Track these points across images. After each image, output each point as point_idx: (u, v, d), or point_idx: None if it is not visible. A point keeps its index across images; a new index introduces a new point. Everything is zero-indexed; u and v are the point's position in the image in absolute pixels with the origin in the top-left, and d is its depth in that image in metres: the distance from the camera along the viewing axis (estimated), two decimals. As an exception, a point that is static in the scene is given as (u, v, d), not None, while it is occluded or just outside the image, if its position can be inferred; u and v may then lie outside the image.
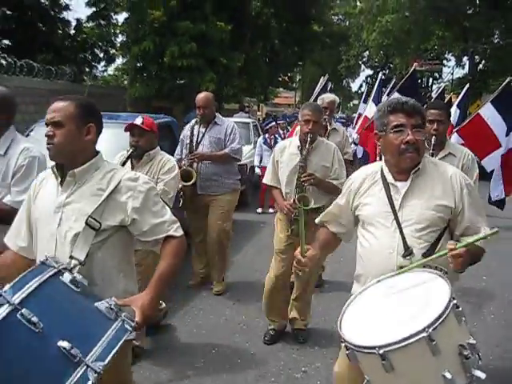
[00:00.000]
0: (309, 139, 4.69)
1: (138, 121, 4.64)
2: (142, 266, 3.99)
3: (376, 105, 10.80)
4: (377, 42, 31.67)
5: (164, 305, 5.18)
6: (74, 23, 19.83)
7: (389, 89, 13.12)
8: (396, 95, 8.94)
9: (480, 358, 2.19)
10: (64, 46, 18.99)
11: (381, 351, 2.09)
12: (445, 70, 39.17)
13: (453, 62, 36.35)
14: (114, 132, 6.98)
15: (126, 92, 17.30)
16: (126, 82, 19.64)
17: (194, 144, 6.01)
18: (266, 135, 11.75)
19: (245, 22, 19.09)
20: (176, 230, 2.58)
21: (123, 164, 4.50)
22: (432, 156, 4.04)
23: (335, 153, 4.88)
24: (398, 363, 2.12)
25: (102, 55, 22.51)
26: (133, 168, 4.55)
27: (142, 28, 15.53)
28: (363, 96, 17.00)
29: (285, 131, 13.76)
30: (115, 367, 2.10)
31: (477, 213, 2.73)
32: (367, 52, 40.89)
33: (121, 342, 2.02)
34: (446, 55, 35.77)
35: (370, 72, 46.98)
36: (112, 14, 20.85)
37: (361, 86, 49.52)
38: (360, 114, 13.58)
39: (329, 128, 6.31)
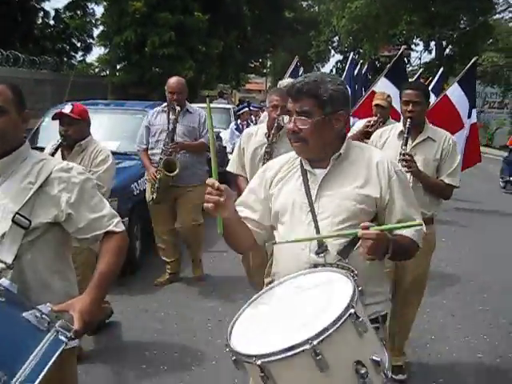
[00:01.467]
0: (275, 125, 4.58)
1: (67, 109, 4.37)
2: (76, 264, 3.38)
3: (349, 86, 11.23)
4: (346, 28, 32.83)
5: (108, 304, 4.91)
6: (52, 13, 20.53)
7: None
8: (383, 81, 9.22)
9: (387, 376, 1.95)
10: (43, 37, 19.65)
11: (258, 362, 1.84)
12: (413, 54, 40.53)
13: (421, 47, 37.59)
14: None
15: (108, 80, 18.12)
16: (107, 71, 20.37)
17: (166, 133, 5.75)
18: (239, 121, 11.72)
19: (219, 11, 19.96)
20: (116, 225, 2.36)
21: (52, 155, 4.15)
22: (407, 141, 3.99)
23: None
24: (279, 377, 1.88)
25: (79, 45, 23.27)
26: (63, 159, 3.95)
27: (123, 19, 16.30)
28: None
29: (257, 117, 13.54)
30: (58, 381, 2.04)
31: (409, 204, 2.41)
32: (337, 37, 41.99)
33: (54, 356, 1.77)
34: (413, 40, 37.07)
35: (339, 57, 48.00)
36: (89, 4, 21.58)
37: (331, 71, 50.60)
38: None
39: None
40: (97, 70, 28.11)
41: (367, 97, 9.34)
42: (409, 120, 4.00)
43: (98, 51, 27.01)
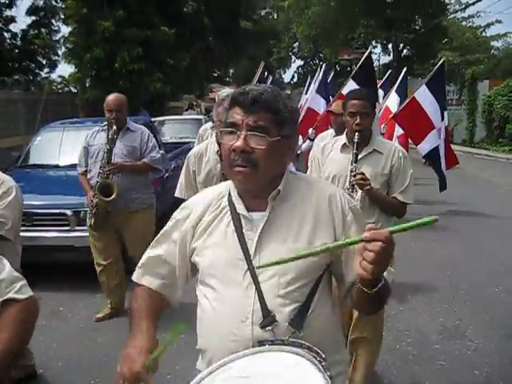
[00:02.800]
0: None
1: None
2: None
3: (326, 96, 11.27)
4: (305, 34, 34.00)
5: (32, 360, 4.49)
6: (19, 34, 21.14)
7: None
8: (351, 84, 9.08)
9: None
10: (11, 57, 20.23)
11: None
12: (373, 57, 41.87)
13: (379, 49, 39.03)
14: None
15: (77, 97, 18.83)
16: (77, 88, 21.05)
17: (104, 153, 5.38)
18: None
19: (183, 24, 20.80)
20: (18, 291, 1.99)
21: None
22: (356, 157, 3.65)
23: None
24: None
25: (44, 62, 23.82)
26: None
27: (92, 37, 17.05)
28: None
29: None
30: None
31: None
32: (297, 43, 43.20)
33: None
34: (372, 43, 38.44)
35: (300, 62, 49.28)
36: (53, 21, 22.21)
37: (293, 76, 51.87)
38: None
39: None
40: (59, 86, 28.76)
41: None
42: (357, 134, 3.63)
43: (62, 68, 27.58)
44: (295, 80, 49.36)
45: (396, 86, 12.78)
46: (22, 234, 6.44)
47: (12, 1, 20.78)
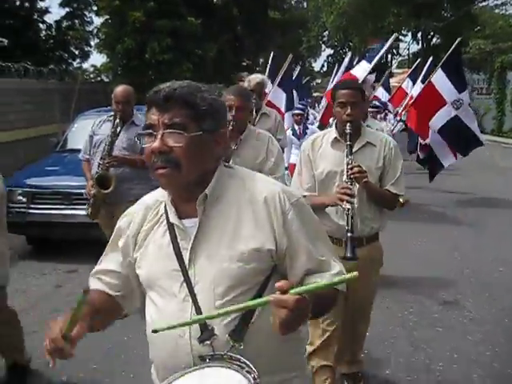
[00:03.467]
0: (230, 127, 3.80)
1: None
2: None
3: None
4: (335, 23, 34.34)
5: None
6: (53, 25, 22.10)
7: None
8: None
9: None
10: (47, 48, 21.14)
11: None
12: (402, 45, 42.02)
13: (409, 38, 39.16)
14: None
15: (109, 86, 19.56)
16: (109, 77, 21.87)
17: (107, 145, 5.45)
18: (295, 125, 10.13)
19: (211, 16, 21.38)
20: None
21: None
22: (351, 149, 3.55)
23: (270, 143, 4.18)
24: None
25: (76, 52, 24.74)
26: None
27: (124, 28, 17.76)
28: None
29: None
30: None
31: (316, 243, 1.86)
32: (326, 32, 43.48)
33: None
34: (402, 31, 38.54)
35: (330, 51, 49.47)
36: (86, 13, 23.08)
37: (323, 65, 52.11)
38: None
39: (258, 113, 5.83)
40: (91, 75, 29.71)
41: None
42: (348, 124, 3.55)
43: (94, 58, 28.67)
44: (325, 69, 49.62)
45: (422, 75, 12.72)
46: (62, 212, 7.33)
47: None
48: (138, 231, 1.92)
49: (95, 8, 21.27)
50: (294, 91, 10.94)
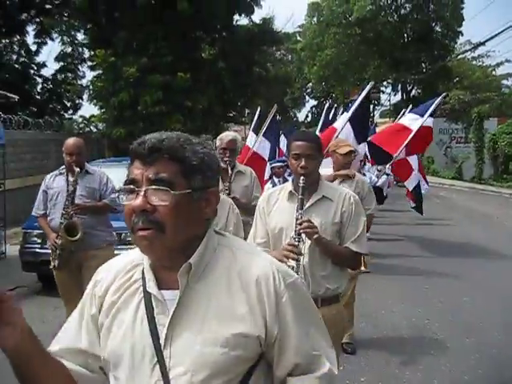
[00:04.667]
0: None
1: None
2: None
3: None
4: (317, 75, 35.99)
5: None
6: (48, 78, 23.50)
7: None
8: (347, 127, 9.08)
9: None
10: (43, 100, 22.39)
11: None
12: (383, 96, 43.78)
13: (389, 90, 40.93)
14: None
15: (104, 136, 20.71)
16: (98, 129, 23.08)
17: (65, 196, 5.52)
18: (274, 178, 9.15)
19: (200, 69, 22.68)
20: None
21: None
22: (302, 203, 3.34)
23: (230, 211, 4.06)
24: None
25: (68, 105, 26.03)
26: None
27: (118, 82, 18.97)
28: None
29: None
30: None
31: (311, 332, 1.65)
32: (310, 84, 45.17)
33: None
34: (383, 83, 40.28)
35: (314, 102, 51.12)
36: (79, 67, 24.52)
37: (307, 116, 53.70)
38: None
39: (232, 171, 5.70)
40: (80, 125, 30.97)
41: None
42: (302, 178, 3.35)
43: (83, 109, 30.08)
44: (309, 119, 51.21)
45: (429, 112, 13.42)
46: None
47: (38, 48, 23.22)
48: (104, 294, 1.66)
49: (90, 63, 22.52)
50: (282, 141, 11.47)
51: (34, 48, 23.54)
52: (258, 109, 10.90)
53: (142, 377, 1.55)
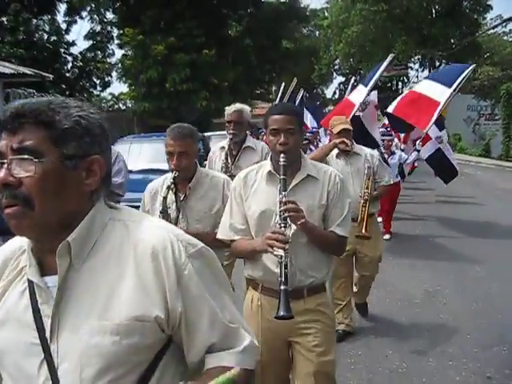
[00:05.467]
0: (171, 180, 3.51)
1: None
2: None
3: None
4: (344, 52, 36.11)
5: None
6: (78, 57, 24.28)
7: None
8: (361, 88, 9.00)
9: None
10: (74, 78, 23.16)
11: None
12: (412, 73, 43.72)
13: (417, 66, 40.89)
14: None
15: (133, 113, 21.48)
16: (127, 106, 23.82)
17: None
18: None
19: (226, 46, 23.18)
20: None
21: None
22: (285, 183, 2.95)
23: (225, 188, 3.68)
24: None
25: (97, 82, 26.79)
26: None
27: (147, 60, 19.62)
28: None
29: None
30: None
31: (223, 305, 1.50)
32: (338, 60, 45.28)
33: None
34: (410, 59, 40.24)
35: (342, 79, 51.16)
36: (108, 45, 25.17)
37: (334, 92, 53.77)
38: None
39: (240, 147, 5.37)
40: (109, 103, 31.80)
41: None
42: (282, 155, 2.96)
43: (113, 87, 30.89)
44: (337, 96, 51.31)
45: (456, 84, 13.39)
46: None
47: (68, 27, 23.96)
48: None
49: (118, 41, 23.17)
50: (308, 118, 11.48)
51: (63, 27, 24.31)
52: (283, 84, 11.23)
53: (28, 377, 1.38)
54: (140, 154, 10.02)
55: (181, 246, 1.44)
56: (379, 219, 10.71)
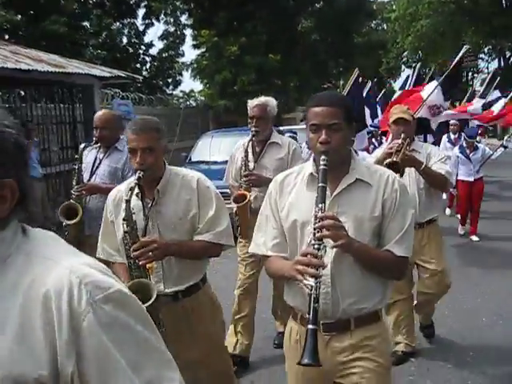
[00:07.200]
0: (136, 181, 3.06)
1: None
2: None
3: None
4: (412, 45, 36.62)
5: None
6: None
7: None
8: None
9: None
10: (150, 77, 25.18)
11: None
12: (482, 64, 43.72)
13: (487, 57, 41.06)
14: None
15: (208, 110, 23.16)
16: (197, 103, 25.72)
17: (89, 173, 5.10)
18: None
19: (296, 42, 24.54)
20: None
21: None
22: (324, 193, 2.44)
23: (201, 188, 3.26)
24: None
25: (170, 81, 28.77)
26: None
27: (221, 60, 21.27)
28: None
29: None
30: None
31: (139, 367, 1.20)
32: (405, 53, 45.65)
33: None
34: (481, 50, 40.26)
35: (410, 72, 51.49)
36: (180, 46, 27.20)
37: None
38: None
39: (265, 143, 5.11)
40: (181, 100, 33.87)
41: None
42: (322, 157, 2.47)
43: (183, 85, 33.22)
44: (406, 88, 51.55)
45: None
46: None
47: (145, 29, 26.05)
48: None
49: (193, 42, 24.98)
50: (367, 109, 11.46)
51: (141, 29, 26.40)
52: (355, 73, 10.29)
53: None
54: (220, 146, 11.45)
55: (83, 290, 1.16)
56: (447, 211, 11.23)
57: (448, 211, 11.54)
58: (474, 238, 9.86)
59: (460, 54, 8.66)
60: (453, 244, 9.29)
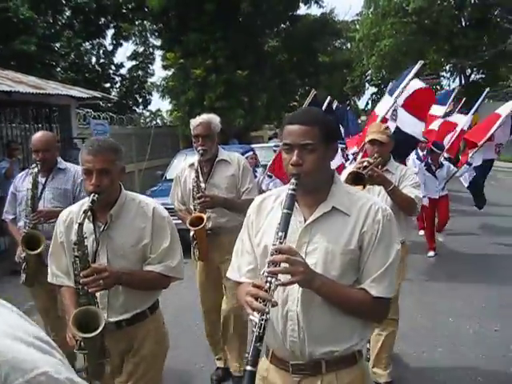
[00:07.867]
0: (89, 204, 2.90)
1: None
2: None
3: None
4: (376, 64, 37.71)
5: None
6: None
7: None
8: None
9: None
10: (120, 96, 25.73)
11: None
12: (444, 82, 45.00)
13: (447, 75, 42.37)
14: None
15: (181, 131, 23.74)
16: (164, 122, 26.32)
17: (31, 200, 4.75)
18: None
19: (264, 62, 25.23)
20: None
21: None
22: (286, 220, 2.20)
23: (155, 218, 3.18)
24: None
25: (140, 100, 29.32)
26: None
27: (187, 82, 22.02)
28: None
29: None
30: None
31: None
32: (370, 71, 46.76)
33: None
34: (442, 68, 41.50)
35: (374, 90, 52.54)
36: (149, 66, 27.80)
37: (367, 103, 55.12)
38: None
39: (213, 162, 5.03)
40: (147, 119, 34.38)
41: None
42: (292, 180, 2.28)
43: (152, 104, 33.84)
44: (369, 107, 52.56)
45: (476, 106, 13.46)
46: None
47: (113, 50, 26.67)
48: None
49: (162, 63, 25.63)
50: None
51: (109, 49, 27.04)
52: (312, 93, 10.60)
53: None
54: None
55: (1, 372, 0.98)
56: (421, 232, 11.30)
57: (421, 232, 11.47)
58: (431, 253, 10.19)
59: (414, 70, 8.25)
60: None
